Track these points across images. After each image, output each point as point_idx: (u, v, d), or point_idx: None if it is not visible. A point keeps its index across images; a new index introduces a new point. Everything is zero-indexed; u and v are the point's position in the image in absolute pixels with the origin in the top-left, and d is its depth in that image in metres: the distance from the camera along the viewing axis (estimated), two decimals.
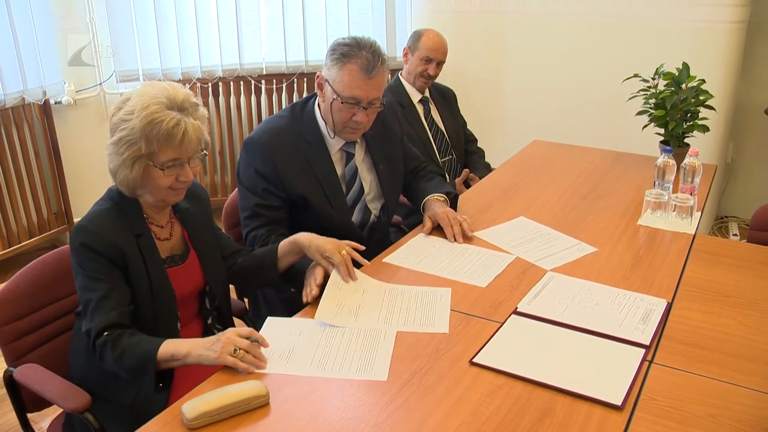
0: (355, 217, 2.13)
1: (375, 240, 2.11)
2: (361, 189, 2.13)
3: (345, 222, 2.07)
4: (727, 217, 4.24)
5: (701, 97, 2.58)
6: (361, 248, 1.79)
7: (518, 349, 1.51)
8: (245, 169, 2.02)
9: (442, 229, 2.11)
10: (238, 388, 1.32)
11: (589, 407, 1.32)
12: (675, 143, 2.62)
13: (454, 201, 2.25)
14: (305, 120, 2.06)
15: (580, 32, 3.79)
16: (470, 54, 4.07)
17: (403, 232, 2.41)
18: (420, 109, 2.97)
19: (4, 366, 1.65)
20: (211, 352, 1.42)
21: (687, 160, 2.26)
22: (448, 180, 2.60)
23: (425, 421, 1.29)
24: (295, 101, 2.14)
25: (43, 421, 2.11)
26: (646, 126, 2.73)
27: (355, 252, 1.77)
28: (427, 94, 3.01)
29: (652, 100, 2.66)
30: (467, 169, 3.06)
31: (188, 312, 1.73)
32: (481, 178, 2.84)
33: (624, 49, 3.65)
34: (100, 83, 3.78)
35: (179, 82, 3.80)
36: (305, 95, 2.11)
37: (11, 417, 2.35)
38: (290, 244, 1.79)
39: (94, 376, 1.61)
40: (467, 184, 2.97)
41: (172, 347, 1.47)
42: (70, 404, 1.46)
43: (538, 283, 1.80)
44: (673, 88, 2.61)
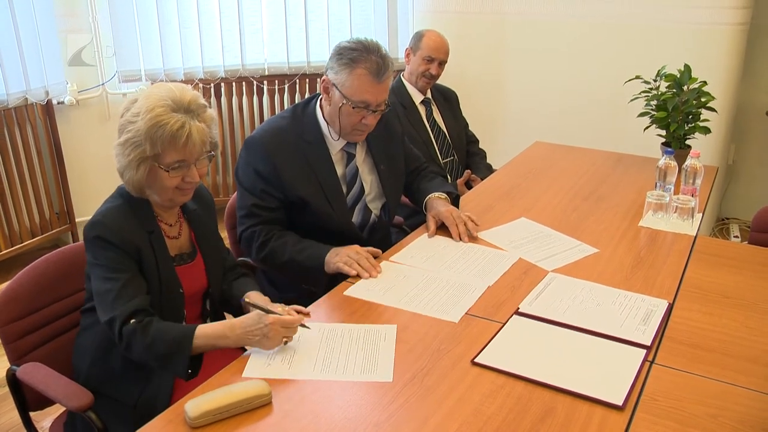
0: (356, 217, 2.13)
1: (376, 240, 2.12)
2: (362, 189, 2.13)
3: (345, 222, 2.08)
4: (728, 218, 4.25)
5: (703, 99, 2.58)
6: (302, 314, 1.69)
7: (520, 349, 1.52)
8: (244, 168, 2.02)
9: (446, 228, 2.12)
10: (241, 387, 1.33)
11: (590, 407, 1.32)
12: (676, 145, 2.62)
13: (455, 201, 2.26)
14: (306, 120, 2.06)
15: (581, 34, 3.80)
16: (472, 55, 4.07)
17: (405, 232, 2.41)
18: (422, 110, 2.97)
19: (6, 365, 1.65)
20: (262, 346, 1.48)
21: (688, 161, 2.26)
22: (449, 181, 2.61)
23: (427, 420, 1.29)
24: (296, 102, 2.14)
25: (44, 420, 2.11)
26: (647, 127, 2.73)
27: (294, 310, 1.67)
28: (429, 95, 3.02)
29: (654, 102, 2.66)
30: (469, 170, 3.06)
31: (192, 312, 1.74)
32: (482, 179, 2.84)
33: (625, 51, 3.66)
34: (103, 83, 3.79)
35: (181, 82, 3.83)
36: (307, 96, 2.11)
37: (13, 416, 2.36)
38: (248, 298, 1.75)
39: (100, 374, 1.62)
40: (469, 185, 2.97)
41: (206, 332, 1.50)
42: (73, 403, 1.47)
43: (540, 284, 1.81)
44: (674, 90, 2.61)
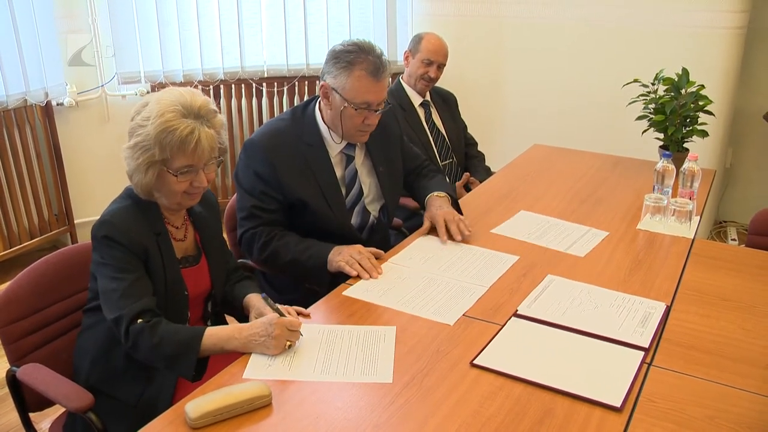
0: (355, 219, 2.14)
1: (375, 242, 2.12)
2: (360, 191, 2.14)
3: (344, 224, 2.09)
4: (725, 222, 4.26)
5: (700, 103, 2.59)
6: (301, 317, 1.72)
7: (518, 351, 1.53)
8: (244, 170, 2.03)
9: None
10: (241, 388, 1.33)
11: (589, 409, 1.33)
12: (674, 148, 2.63)
13: (455, 204, 2.27)
14: (306, 123, 2.07)
15: (579, 37, 3.81)
16: (471, 58, 4.08)
17: (403, 235, 2.42)
18: (421, 112, 2.98)
19: (6, 366, 1.66)
20: (265, 348, 1.48)
21: (686, 164, 2.27)
22: (447, 182, 2.62)
23: (426, 422, 1.30)
24: (296, 104, 2.15)
25: (43, 421, 2.11)
26: (645, 131, 2.74)
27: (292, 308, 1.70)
28: (428, 97, 3.03)
29: (652, 105, 2.67)
30: (467, 173, 3.07)
31: (195, 314, 1.75)
32: (481, 182, 2.85)
33: (624, 54, 3.67)
34: (102, 85, 3.79)
35: (180, 84, 3.84)
36: (306, 98, 2.12)
37: (13, 417, 2.36)
38: (248, 301, 1.78)
39: (101, 374, 1.62)
40: (468, 188, 2.98)
41: (215, 334, 1.51)
42: (73, 404, 1.47)
43: (538, 286, 1.82)
44: (672, 94, 2.62)
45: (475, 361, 1.48)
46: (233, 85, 4.12)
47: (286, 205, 2.02)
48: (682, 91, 2.60)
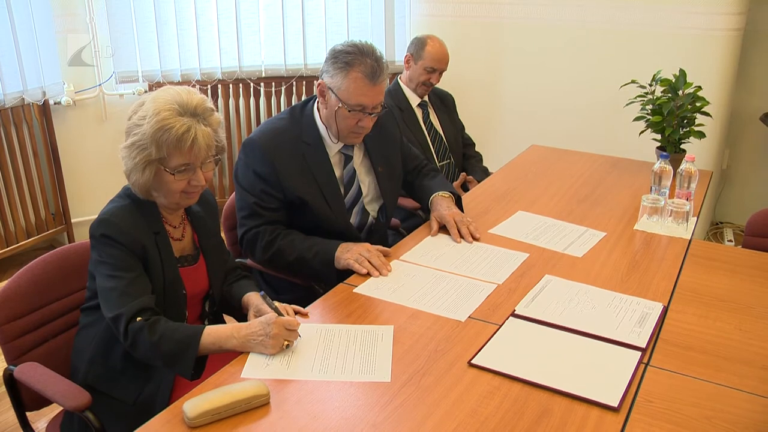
0: (354, 219, 2.14)
1: (373, 241, 2.12)
2: (359, 191, 2.14)
3: (343, 224, 2.09)
4: (722, 223, 4.27)
5: (697, 104, 2.60)
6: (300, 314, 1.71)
7: (516, 351, 1.53)
8: (243, 169, 2.03)
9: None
10: (239, 387, 1.33)
11: (586, 408, 1.33)
12: (671, 149, 2.64)
13: (458, 202, 2.28)
14: (304, 122, 2.07)
15: (577, 38, 3.81)
16: (469, 59, 4.09)
17: (401, 235, 2.42)
18: (419, 113, 2.99)
19: (3, 365, 1.65)
20: (263, 347, 1.48)
21: (683, 165, 2.28)
22: (448, 182, 2.62)
23: (424, 421, 1.30)
24: (294, 104, 2.15)
25: (39, 421, 2.11)
26: (643, 132, 2.75)
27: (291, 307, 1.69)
28: (425, 98, 3.03)
29: (649, 106, 2.68)
30: (465, 173, 3.07)
31: (193, 313, 1.75)
32: (478, 182, 2.85)
33: (621, 56, 3.68)
34: (100, 84, 3.78)
35: (178, 84, 3.83)
36: (304, 98, 2.12)
37: (10, 416, 2.35)
38: (247, 299, 1.77)
39: (99, 372, 1.62)
40: (465, 188, 2.99)
41: (214, 333, 1.50)
42: (71, 403, 1.46)
43: (536, 287, 1.82)
44: (669, 95, 2.63)
45: (472, 361, 1.48)
46: (231, 85, 4.12)
47: (287, 203, 2.02)
48: (680, 93, 2.61)
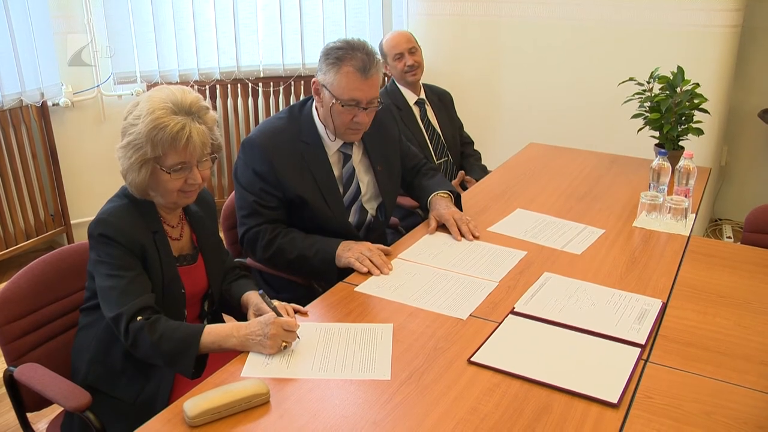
0: (352, 217, 2.15)
1: (372, 240, 2.12)
2: (358, 190, 2.14)
3: (342, 222, 2.09)
4: (721, 219, 4.27)
5: (695, 101, 2.60)
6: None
7: (515, 348, 1.53)
8: (243, 169, 2.03)
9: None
10: (239, 386, 1.33)
11: (586, 405, 1.33)
12: (670, 146, 2.64)
13: (457, 201, 2.28)
14: (303, 121, 2.07)
15: (575, 36, 3.82)
16: (466, 57, 4.09)
17: (400, 234, 2.42)
18: (416, 110, 2.99)
19: (4, 365, 1.65)
20: (261, 347, 1.48)
21: (682, 162, 2.28)
22: (447, 180, 2.62)
23: (424, 418, 1.30)
24: (292, 103, 2.16)
25: (40, 422, 2.11)
26: (641, 129, 2.75)
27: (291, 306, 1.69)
28: (423, 95, 3.04)
29: (647, 104, 2.68)
30: (463, 171, 3.08)
31: (192, 313, 1.75)
32: (477, 181, 2.85)
33: (619, 53, 3.68)
34: (98, 85, 3.78)
35: (176, 84, 3.82)
36: (302, 98, 2.12)
37: (10, 417, 2.35)
38: (246, 298, 1.77)
39: (99, 372, 1.62)
40: (463, 187, 2.99)
41: (214, 332, 1.51)
42: (71, 403, 1.46)
43: (535, 284, 1.82)
44: (667, 92, 2.63)
45: (472, 359, 1.48)
46: (229, 85, 4.12)
47: (286, 202, 2.03)
48: (678, 90, 2.61)
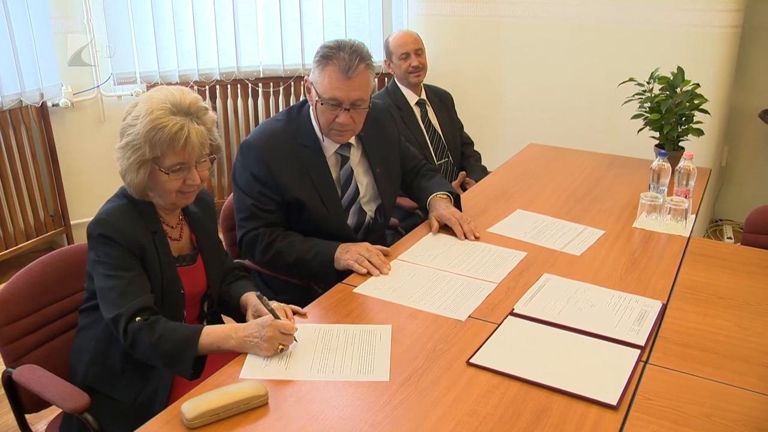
0: (351, 219, 2.14)
1: (371, 241, 2.12)
2: (356, 192, 2.14)
3: (340, 224, 2.09)
4: (721, 220, 4.27)
5: (696, 101, 2.60)
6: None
7: (515, 349, 1.53)
8: (241, 171, 2.03)
9: (449, 228, 2.14)
10: (238, 388, 1.33)
11: (585, 407, 1.33)
12: (670, 147, 2.64)
13: (456, 202, 2.28)
14: (301, 123, 2.07)
15: (575, 36, 3.81)
16: (467, 57, 4.09)
17: (400, 234, 2.42)
18: (417, 111, 2.99)
19: (2, 367, 1.65)
20: (258, 350, 1.47)
21: (682, 163, 2.28)
22: (447, 181, 2.62)
23: (423, 420, 1.30)
24: (291, 104, 2.16)
25: (39, 423, 2.11)
26: (641, 129, 2.75)
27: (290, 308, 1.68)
28: (423, 96, 3.03)
29: (647, 104, 2.68)
30: (463, 172, 3.07)
31: (191, 313, 1.75)
32: (477, 181, 2.85)
33: (619, 54, 3.68)
34: (98, 86, 3.78)
35: (176, 84, 3.82)
36: (302, 99, 2.12)
37: (9, 418, 2.35)
38: (245, 299, 1.77)
39: (98, 373, 1.62)
40: (463, 187, 2.99)
41: (212, 333, 1.50)
42: (69, 405, 1.46)
43: (534, 285, 1.82)
44: (668, 92, 2.63)
45: (471, 360, 1.48)
46: (229, 86, 4.12)
47: (284, 205, 2.02)
48: (678, 90, 2.61)
